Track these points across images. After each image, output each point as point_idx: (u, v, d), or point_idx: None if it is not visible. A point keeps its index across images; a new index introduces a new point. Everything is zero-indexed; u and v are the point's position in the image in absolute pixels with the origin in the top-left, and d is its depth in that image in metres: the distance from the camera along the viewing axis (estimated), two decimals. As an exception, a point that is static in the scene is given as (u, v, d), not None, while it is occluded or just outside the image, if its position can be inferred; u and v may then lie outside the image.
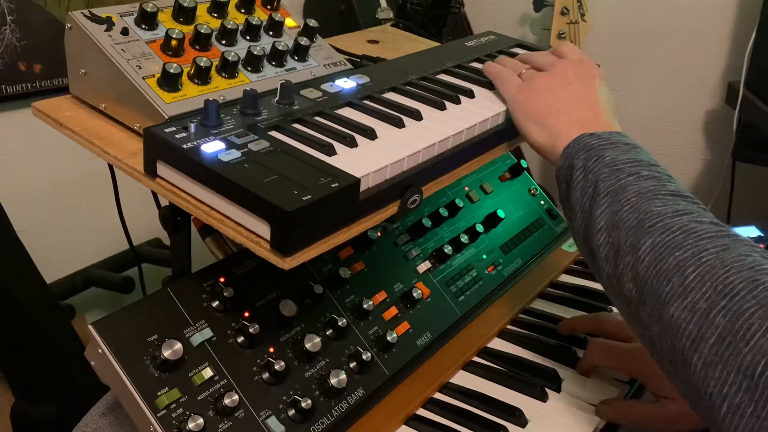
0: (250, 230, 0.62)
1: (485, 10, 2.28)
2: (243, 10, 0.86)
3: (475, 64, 0.97)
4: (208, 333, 0.73)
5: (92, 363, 0.70)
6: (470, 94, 0.86)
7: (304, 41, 0.85)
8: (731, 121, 1.88)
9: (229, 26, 0.81)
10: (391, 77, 0.88)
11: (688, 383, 0.55)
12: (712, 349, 0.53)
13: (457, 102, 0.83)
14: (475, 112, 0.82)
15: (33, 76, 1.57)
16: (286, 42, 0.84)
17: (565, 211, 0.73)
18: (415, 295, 0.90)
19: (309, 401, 0.73)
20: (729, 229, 0.60)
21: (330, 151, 0.68)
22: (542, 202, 1.20)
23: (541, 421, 0.81)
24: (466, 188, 1.09)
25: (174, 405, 0.68)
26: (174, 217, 0.77)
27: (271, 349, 0.76)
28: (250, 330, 0.74)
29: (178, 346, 0.70)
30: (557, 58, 0.85)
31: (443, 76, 0.92)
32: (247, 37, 0.84)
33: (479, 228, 1.04)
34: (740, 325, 0.51)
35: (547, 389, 0.85)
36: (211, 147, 0.65)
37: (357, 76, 0.86)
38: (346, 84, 0.83)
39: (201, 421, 0.67)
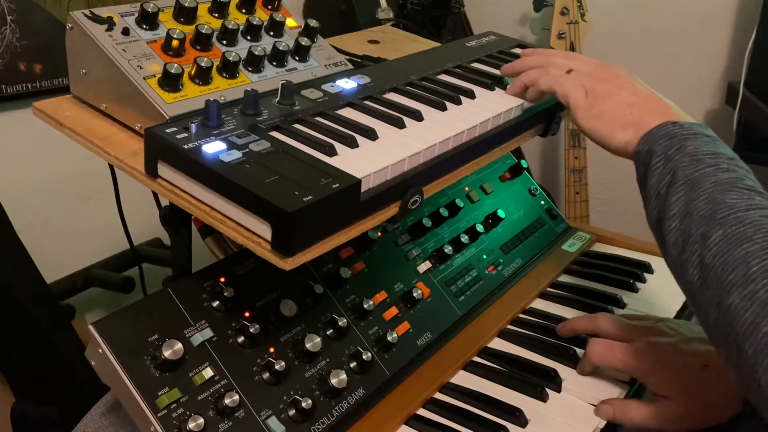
0: (251, 231, 0.62)
1: (485, 10, 2.28)
2: (244, 11, 0.86)
3: (476, 65, 0.97)
4: (208, 333, 0.73)
5: (92, 363, 0.70)
6: (471, 95, 0.86)
7: (304, 41, 0.85)
8: (731, 121, 1.88)
9: (230, 26, 0.81)
10: (391, 78, 0.88)
11: (740, 368, 0.57)
12: (765, 338, 0.54)
13: (458, 102, 0.83)
14: (475, 113, 0.82)
15: (33, 76, 1.57)
16: (286, 42, 0.84)
17: (641, 193, 0.74)
18: (415, 295, 0.90)
19: (309, 401, 0.73)
20: None
21: (331, 151, 0.68)
22: (542, 202, 1.20)
23: (541, 421, 0.81)
24: (467, 188, 1.09)
25: (174, 405, 0.68)
26: (175, 217, 0.77)
27: (272, 349, 0.76)
28: (251, 330, 0.74)
29: (179, 346, 0.70)
30: (586, 60, 0.87)
31: (444, 77, 0.92)
32: (248, 38, 0.84)
33: (479, 228, 1.04)
34: None
35: (547, 389, 0.85)
36: (212, 147, 0.65)
37: (358, 76, 0.86)
38: (347, 84, 0.83)
39: (201, 421, 0.67)
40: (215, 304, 0.75)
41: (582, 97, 0.80)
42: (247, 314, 0.76)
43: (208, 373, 0.71)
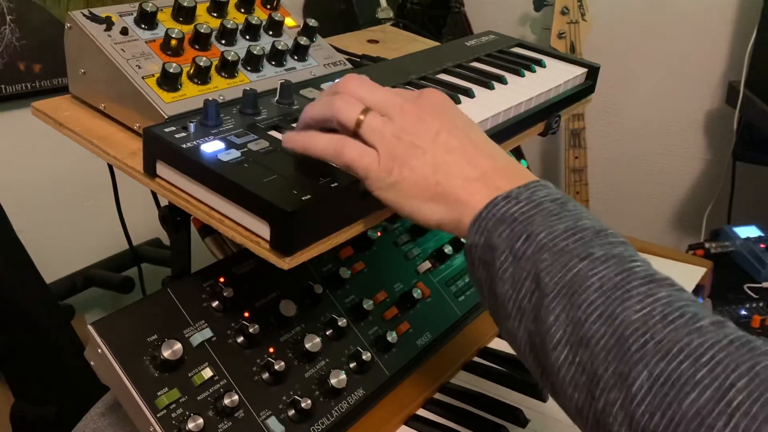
0: (250, 230, 0.62)
1: (485, 10, 2.28)
2: (243, 10, 0.86)
3: (476, 64, 0.97)
4: (207, 333, 0.73)
5: (92, 363, 0.70)
6: (470, 94, 0.86)
7: (303, 41, 0.85)
8: (731, 121, 1.88)
9: (228, 26, 0.81)
10: (390, 77, 0.88)
11: None
12: None
13: (457, 102, 0.83)
14: (474, 112, 0.82)
15: (33, 75, 1.57)
16: (285, 42, 0.84)
17: (485, 299, 0.56)
18: (415, 295, 0.90)
19: (309, 401, 0.73)
20: (730, 323, 0.47)
21: (330, 150, 0.68)
22: (542, 202, 1.20)
23: (541, 421, 0.81)
24: (466, 188, 1.09)
25: (174, 405, 0.68)
26: (174, 217, 0.77)
27: (271, 349, 0.76)
28: (250, 330, 0.74)
29: (178, 346, 0.69)
30: (384, 94, 0.62)
31: (443, 76, 0.92)
32: (247, 37, 0.84)
33: (479, 228, 1.04)
34: None
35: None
36: (211, 147, 0.64)
37: (357, 75, 0.86)
38: (346, 84, 0.83)
39: (201, 421, 0.67)
40: (215, 304, 0.75)
41: (372, 162, 0.59)
42: (246, 314, 0.76)
43: (207, 373, 0.71)
